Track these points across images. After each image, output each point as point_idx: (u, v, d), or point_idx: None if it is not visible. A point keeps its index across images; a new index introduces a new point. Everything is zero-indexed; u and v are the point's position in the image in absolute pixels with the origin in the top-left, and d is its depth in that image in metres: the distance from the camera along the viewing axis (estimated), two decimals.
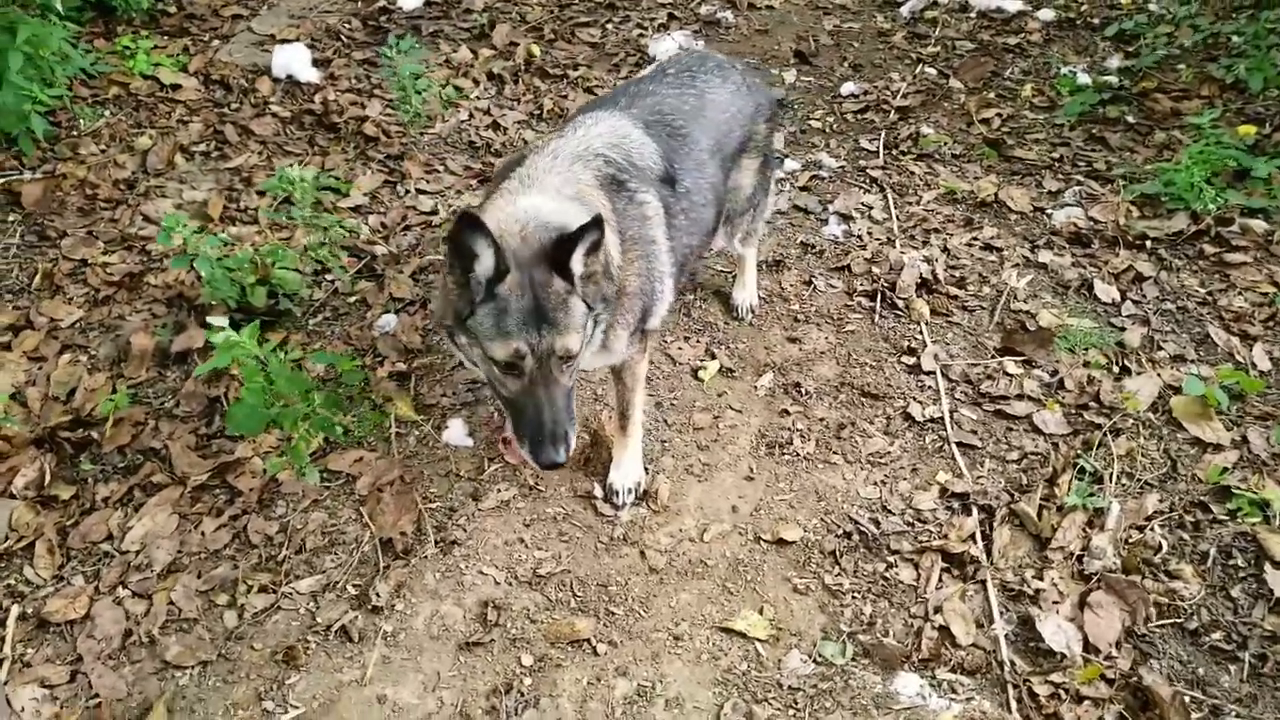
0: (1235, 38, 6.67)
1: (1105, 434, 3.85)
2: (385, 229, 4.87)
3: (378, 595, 3.12)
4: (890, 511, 3.59)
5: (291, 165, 4.13)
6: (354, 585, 3.19)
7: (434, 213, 5.01)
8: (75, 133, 5.28)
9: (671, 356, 4.22)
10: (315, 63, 6.15)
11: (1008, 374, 4.21)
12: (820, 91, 6.49)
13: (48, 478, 3.40)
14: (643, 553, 3.38)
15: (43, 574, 3.13)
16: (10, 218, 4.72)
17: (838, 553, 3.43)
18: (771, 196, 4.27)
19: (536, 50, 6.57)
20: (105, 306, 4.22)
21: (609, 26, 7.15)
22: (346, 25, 6.74)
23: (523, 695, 2.91)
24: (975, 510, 3.58)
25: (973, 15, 7.48)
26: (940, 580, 3.33)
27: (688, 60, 3.78)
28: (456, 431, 3.74)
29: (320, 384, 3.79)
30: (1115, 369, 4.22)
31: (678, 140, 3.35)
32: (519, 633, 3.10)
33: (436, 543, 3.34)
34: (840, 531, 3.51)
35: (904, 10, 7.50)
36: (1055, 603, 3.24)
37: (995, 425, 3.97)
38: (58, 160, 5.06)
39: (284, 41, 6.20)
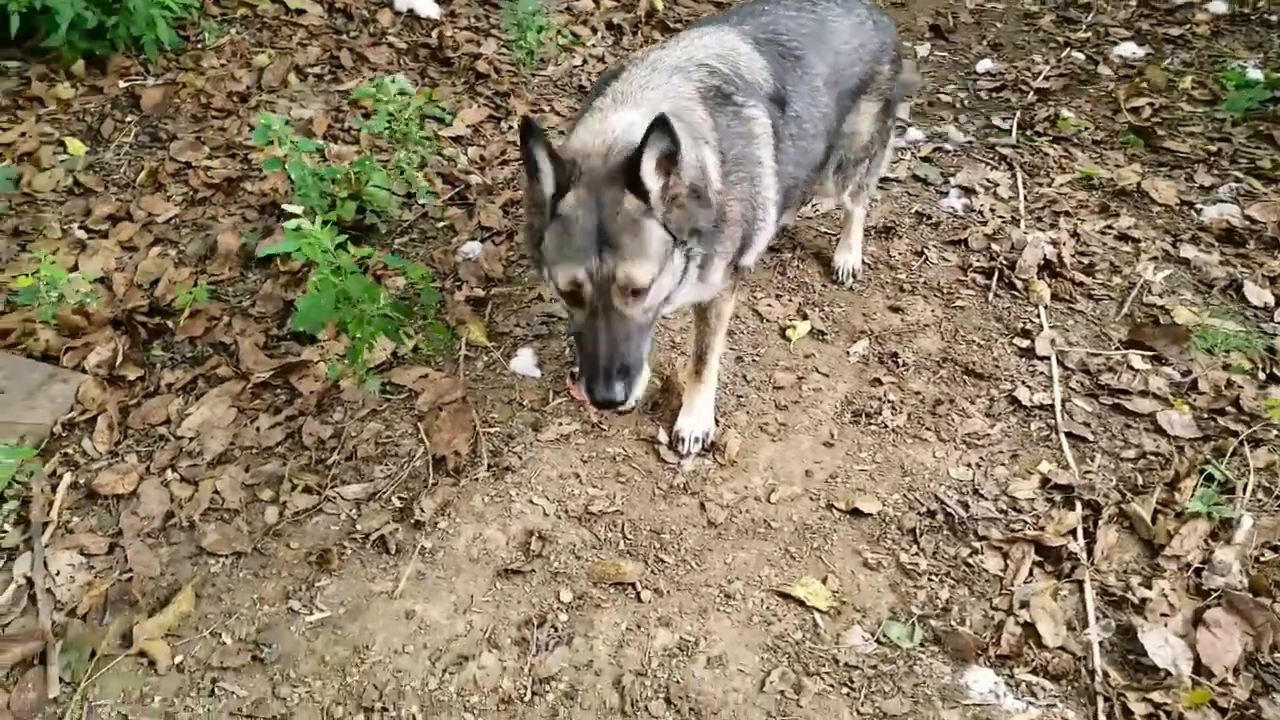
0: None
1: (1242, 442, 3.43)
2: (483, 161, 4.77)
3: (421, 510, 2.99)
4: (982, 495, 3.27)
5: (390, 79, 4.05)
6: (399, 498, 3.07)
7: None
8: (200, 46, 5.36)
9: (759, 312, 3.97)
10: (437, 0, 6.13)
11: (1132, 368, 3.81)
12: (954, 68, 6.12)
13: (119, 358, 3.40)
14: (703, 505, 3.16)
15: (100, 448, 3.12)
16: (129, 118, 4.81)
17: (918, 531, 3.13)
18: (888, 151, 3.97)
19: (660, 3, 6.38)
20: (200, 207, 4.24)
21: None
22: None
23: (556, 630, 2.73)
24: (1079, 505, 3.22)
25: (1132, 2, 6.94)
26: (1030, 574, 3.00)
27: None
28: (525, 361, 3.59)
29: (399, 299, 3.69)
30: (1261, 375, 3.77)
31: (790, 61, 3.09)
32: (561, 567, 2.91)
33: (489, 466, 3.19)
34: (923, 510, 3.21)
35: None
36: (1164, 615, 2.86)
37: (1112, 420, 3.59)
38: (180, 70, 5.15)
39: None
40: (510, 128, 5.06)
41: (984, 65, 6.03)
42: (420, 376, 3.46)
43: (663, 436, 3.36)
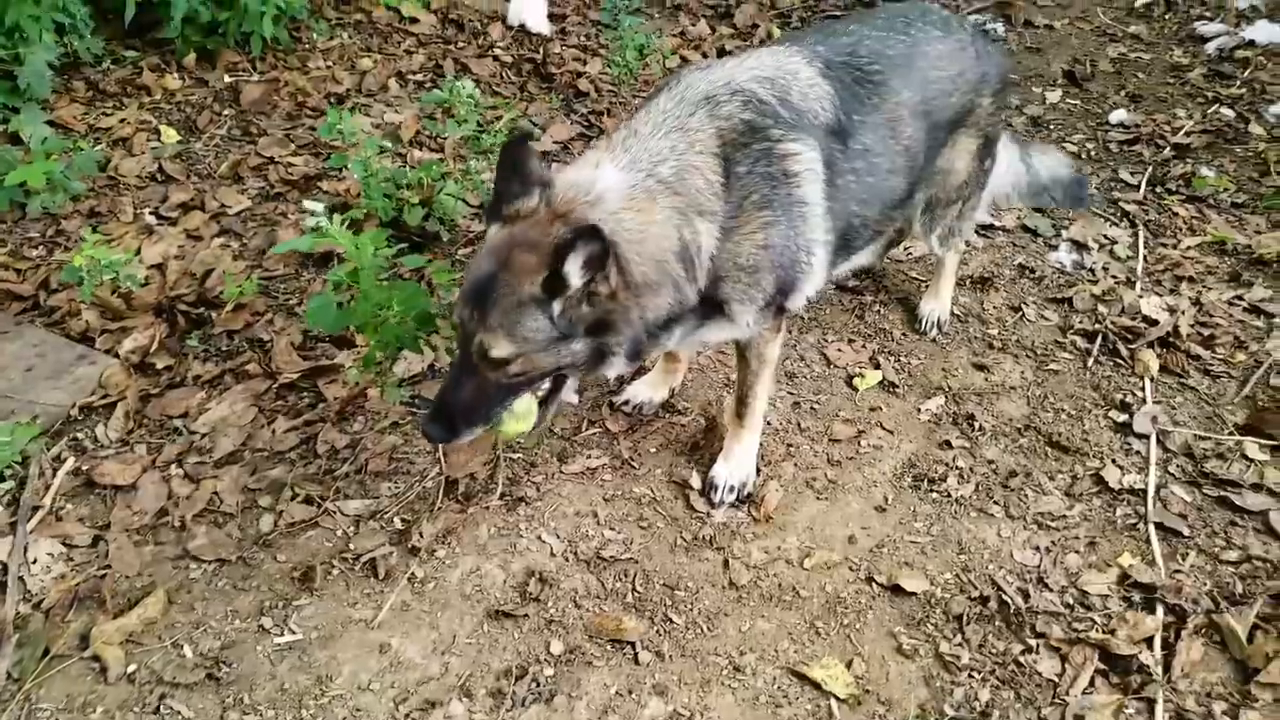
0: None
1: None
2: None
3: (420, 535, 2.81)
4: (1047, 585, 2.89)
5: (460, 83, 3.95)
6: (401, 519, 2.91)
7: None
8: (309, 47, 5.43)
9: (827, 356, 3.67)
10: (551, 16, 6.07)
11: (1246, 457, 3.34)
12: (1084, 116, 5.64)
13: (154, 345, 3.37)
14: (727, 562, 2.88)
15: (111, 435, 3.08)
16: (225, 111, 4.89)
17: (965, 618, 2.77)
18: (987, 193, 3.61)
19: (777, 31, 6.16)
20: (273, 202, 4.23)
21: None
22: None
23: (538, 685, 2.49)
24: (1161, 609, 2.81)
25: None
26: (1091, 684, 2.61)
27: (908, 6, 3.21)
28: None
29: (447, 310, 3.57)
30: None
31: (868, 88, 2.80)
32: (558, 614, 2.68)
33: (503, 495, 2.99)
34: (976, 594, 2.85)
35: (1209, 47, 6.43)
36: None
37: (1214, 514, 3.14)
38: (286, 69, 5.22)
39: None
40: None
41: (1117, 116, 5.54)
42: None
43: (695, 482, 3.11)
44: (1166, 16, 6.87)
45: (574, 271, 2.15)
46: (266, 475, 2.97)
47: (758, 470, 3.13)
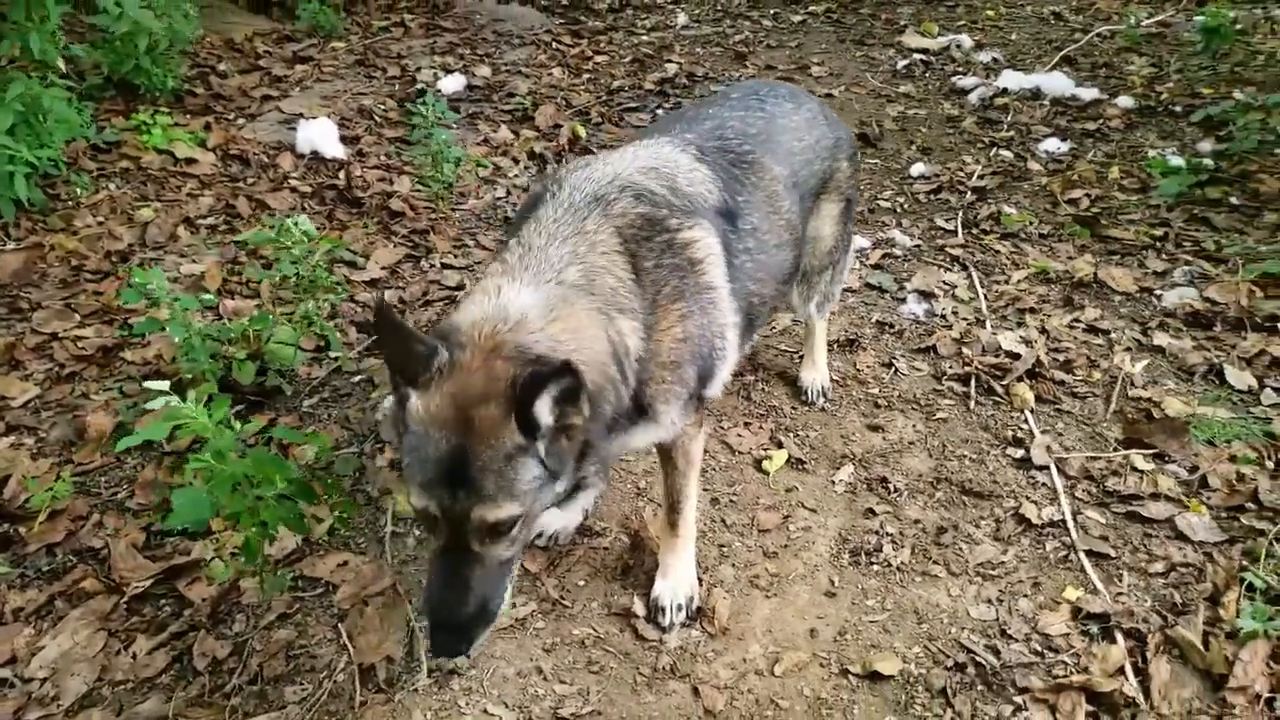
0: None
1: (1271, 542, 3.06)
2: (404, 304, 4.30)
3: None
4: (1011, 637, 2.80)
5: (293, 220, 3.57)
6: None
7: (459, 287, 4.44)
8: (71, 204, 4.83)
9: (729, 445, 3.52)
10: (343, 139, 5.77)
11: (1136, 470, 3.46)
12: (887, 173, 5.96)
13: None
14: (696, 689, 2.60)
15: None
16: None
17: (949, 690, 2.63)
18: (850, 256, 3.63)
19: (582, 131, 6.14)
20: (68, 384, 3.63)
21: (659, 112, 6.76)
22: (381, 106, 6.40)
23: None
24: (1121, 636, 2.78)
25: (1045, 103, 6.98)
26: None
27: (754, 84, 3.21)
28: None
29: (309, 473, 3.14)
30: (1270, 464, 3.44)
31: (743, 169, 2.73)
32: None
33: (430, 672, 2.59)
34: (951, 663, 2.72)
35: (972, 98, 7.04)
36: None
37: (1129, 530, 3.20)
38: (48, 231, 4.59)
39: (311, 118, 5.82)
40: (432, 265, 4.62)
41: (917, 169, 5.89)
42: (338, 565, 2.87)
43: (639, 608, 2.82)
44: (927, 75, 7.46)
45: (544, 410, 1.89)
46: (138, 713, 2.41)
47: (699, 580, 2.90)
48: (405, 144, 5.94)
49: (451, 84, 6.89)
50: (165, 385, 2.32)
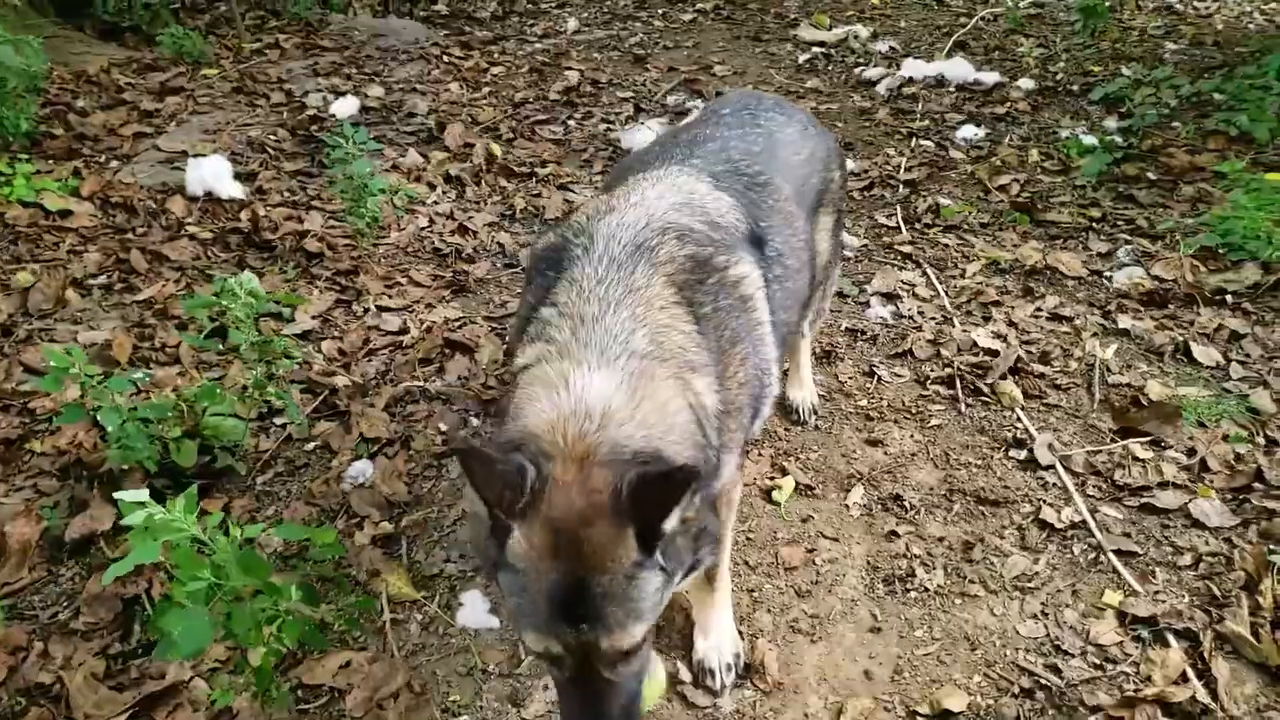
0: (1217, 95, 6.43)
1: None
2: (344, 355, 3.91)
3: None
4: (1067, 653, 2.69)
5: (237, 279, 3.15)
6: None
7: (403, 331, 4.07)
8: None
9: None
10: (238, 176, 5.27)
11: (1138, 459, 3.42)
12: None
13: None
14: None
15: None
16: None
17: (1021, 719, 2.49)
18: (838, 268, 3.47)
19: (498, 149, 5.80)
20: None
21: (570, 123, 6.48)
22: (272, 136, 5.89)
23: None
24: (1173, 638, 2.70)
25: (951, 89, 7.05)
26: None
27: (739, 98, 3.00)
28: (474, 609, 2.72)
29: (280, 565, 2.77)
30: (1262, 440, 3.46)
31: (758, 191, 2.51)
32: None
33: None
34: (1016, 689, 2.58)
35: (880, 89, 7.05)
36: None
37: (1147, 523, 3.15)
38: None
39: (199, 156, 5.30)
40: (367, 310, 4.23)
41: (847, 165, 5.81)
42: (341, 668, 2.52)
43: (684, 673, 2.58)
44: (830, 68, 7.43)
45: (673, 519, 1.63)
46: None
47: (740, 634, 2.67)
48: (308, 176, 5.51)
49: (345, 107, 6.44)
50: (144, 494, 1.93)
